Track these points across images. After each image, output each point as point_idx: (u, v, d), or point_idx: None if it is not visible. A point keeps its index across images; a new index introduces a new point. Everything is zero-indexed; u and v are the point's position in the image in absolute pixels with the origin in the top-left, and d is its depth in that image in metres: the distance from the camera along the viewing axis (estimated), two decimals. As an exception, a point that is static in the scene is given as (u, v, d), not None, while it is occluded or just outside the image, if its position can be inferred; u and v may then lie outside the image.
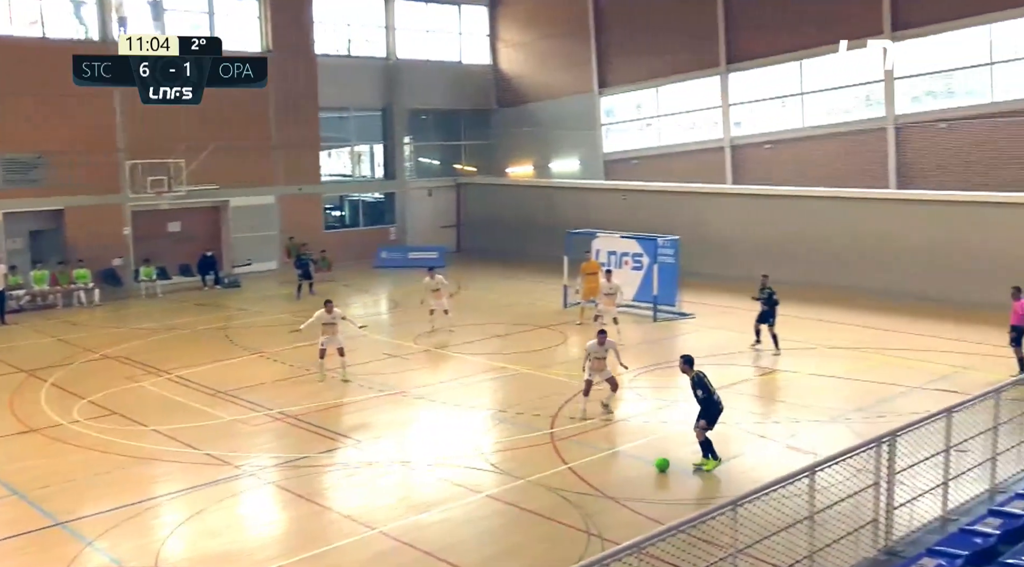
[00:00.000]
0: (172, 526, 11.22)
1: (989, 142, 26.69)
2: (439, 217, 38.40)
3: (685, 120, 34.67)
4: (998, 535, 8.14)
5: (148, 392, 17.33)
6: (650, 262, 23.40)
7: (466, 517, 11.28)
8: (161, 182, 28.90)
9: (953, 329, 20.70)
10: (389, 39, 36.98)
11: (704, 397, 12.77)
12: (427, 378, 18.00)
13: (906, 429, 8.94)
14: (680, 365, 13.15)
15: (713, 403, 12.75)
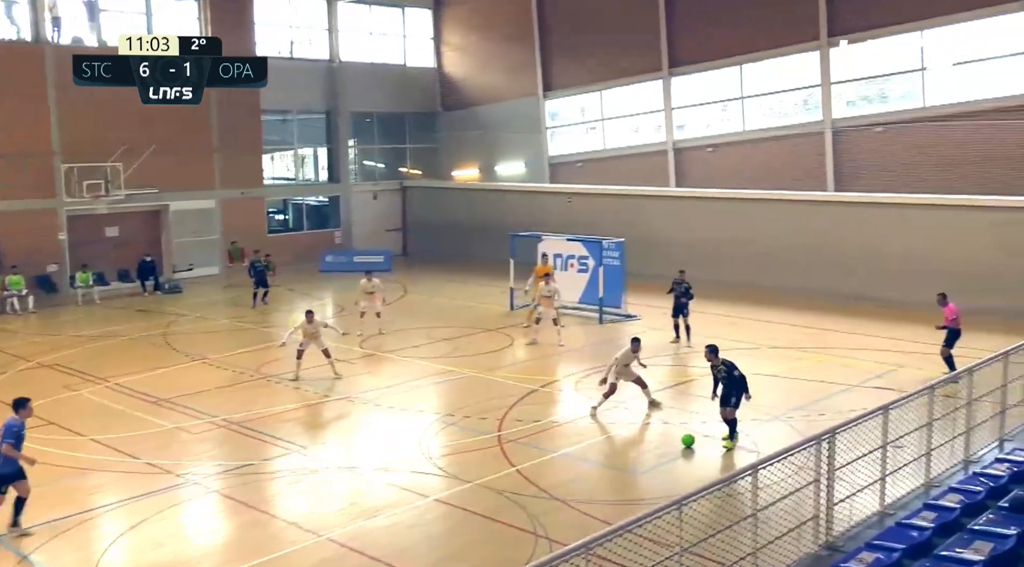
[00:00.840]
0: (112, 537, 10.97)
1: (921, 145, 27.48)
2: (384, 220, 38.20)
3: (629, 123, 35.02)
4: (933, 528, 8.37)
5: (86, 401, 16.93)
6: (596, 264, 23.57)
7: (413, 521, 11.24)
8: (98, 186, 28.27)
9: (887, 328, 21.23)
10: (332, 41, 36.69)
11: (740, 376, 13.47)
12: (373, 382, 17.89)
13: (845, 426, 9.14)
14: (706, 355, 13.86)
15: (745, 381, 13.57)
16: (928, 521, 8.54)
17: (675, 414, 15.32)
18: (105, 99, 29.27)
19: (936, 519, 8.57)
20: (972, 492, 9.26)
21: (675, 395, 16.58)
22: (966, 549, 7.62)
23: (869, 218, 25.62)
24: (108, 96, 29.25)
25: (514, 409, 15.67)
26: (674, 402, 16.04)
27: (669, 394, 16.47)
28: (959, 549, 7.64)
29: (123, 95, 29.14)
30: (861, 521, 9.40)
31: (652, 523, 7.11)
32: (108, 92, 29.08)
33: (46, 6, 28.67)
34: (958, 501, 9.00)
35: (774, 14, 29.95)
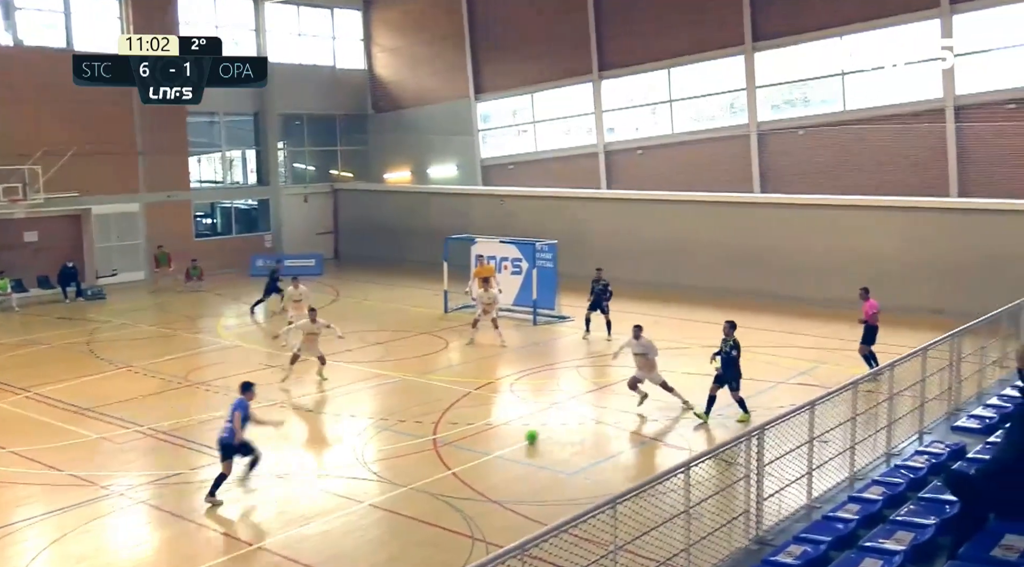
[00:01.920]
0: (34, 552, 10.63)
1: (842, 148, 28.28)
2: (315, 224, 37.76)
3: (560, 126, 35.26)
4: (857, 520, 8.62)
5: (4, 411, 16.34)
6: (529, 266, 23.69)
7: (348, 527, 11.15)
8: (15, 189, 27.32)
9: (810, 326, 21.82)
10: (260, 42, 36.11)
11: (736, 356, 14.71)
12: (306, 388, 17.67)
13: (773, 423, 9.35)
14: (725, 328, 15.01)
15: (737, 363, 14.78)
16: (852, 513, 8.78)
17: (608, 414, 15.47)
18: (24, 99, 28.42)
19: (860, 511, 8.81)
20: (893, 484, 9.55)
21: (605, 396, 16.74)
22: (888, 539, 7.86)
23: (793, 219, 26.29)
24: (27, 96, 28.47)
25: (449, 412, 15.65)
26: (604, 402, 16.19)
27: (599, 396, 16.62)
28: (882, 540, 7.87)
29: (43, 95, 28.71)
30: (789, 515, 9.62)
31: (587, 522, 7.17)
32: (27, 92, 28.43)
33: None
34: (880, 493, 9.27)
35: (701, 19, 30.48)
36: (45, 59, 29.34)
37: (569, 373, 18.65)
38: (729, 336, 14.91)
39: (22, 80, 28.50)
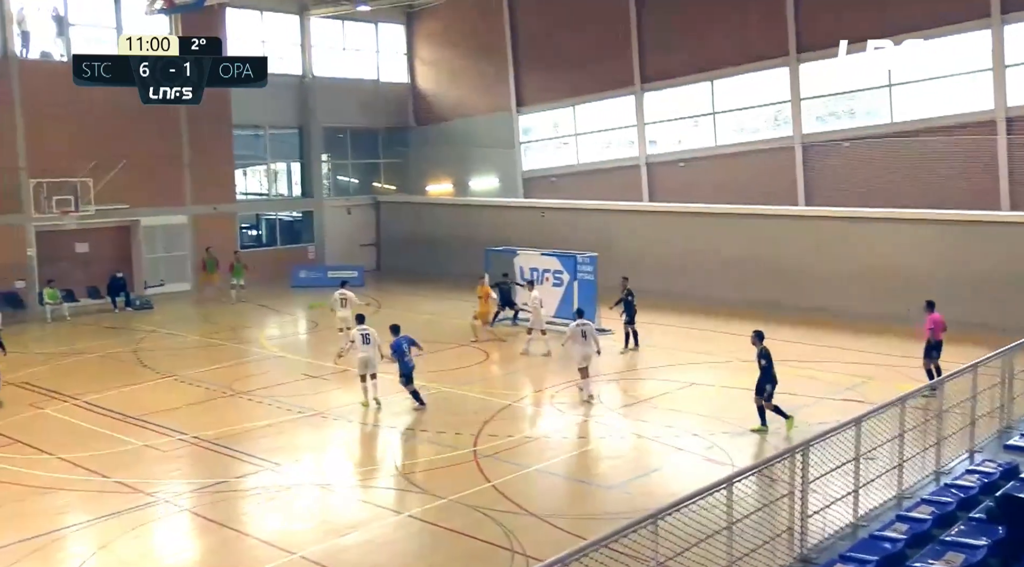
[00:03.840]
0: (82, 558, 10.79)
1: (889, 161, 27.86)
2: (358, 235, 38.08)
3: (601, 138, 35.22)
4: (905, 540, 8.43)
5: (54, 419, 16.66)
6: (570, 279, 23.61)
7: (387, 538, 11.15)
8: (67, 202, 27.94)
9: (856, 341, 21.44)
10: (305, 57, 36.61)
11: (767, 366, 14.57)
12: (346, 398, 17.75)
13: (818, 439, 9.19)
14: (752, 339, 15.05)
15: (772, 373, 14.67)
16: (900, 533, 8.58)
17: (648, 428, 15.34)
18: (75, 114, 29.09)
19: (908, 531, 8.62)
20: (943, 503, 9.33)
21: (645, 409, 16.59)
22: (938, 561, 7.68)
23: (839, 232, 25.91)
24: (78, 111, 29.13)
25: (489, 424, 15.62)
26: (644, 415, 16.04)
27: (639, 409, 16.47)
28: (931, 560, 7.69)
29: (93, 110, 29.36)
30: (834, 533, 9.44)
31: (627, 537, 7.10)
32: (78, 106, 29.09)
33: (14, 20, 28.41)
34: (930, 513, 9.06)
35: (745, 30, 30.30)
36: (97, 74, 30.02)
37: (609, 386, 18.53)
38: (759, 346, 14.89)
39: (74, 94, 29.11)
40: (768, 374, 14.69)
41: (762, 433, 14.55)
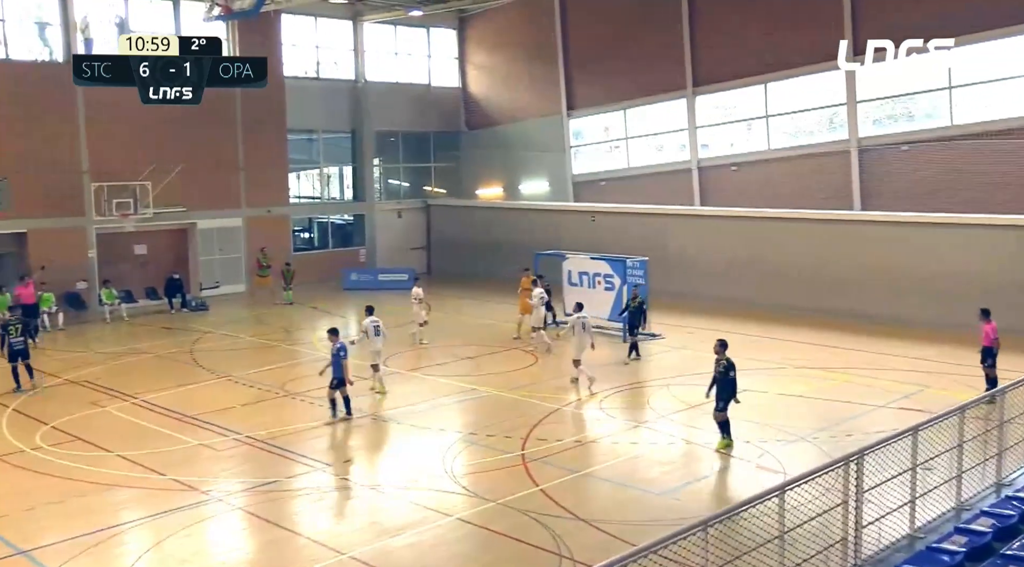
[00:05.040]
0: (138, 554, 11.02)
1: (948, 164, 27.22)
2: (409, 239, 38.37)
3: (653, 142, 35.01)
4: (964, 553, 8.23)
5: (112, 417, 17.06)
6: (621, 283, 23.52)
7: (437, 540, 11.20)
8: (127, 204, 28.61)
9: (913, 348, 21.00)
10: (357, 61, 37.02)
11: (733, 377, 13.97)
12: (397, 401, 17.89)
13: (873, 448, 9.03)
14: (715, 347, 14.36)
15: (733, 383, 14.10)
16: (959, 545, 8.39)
17: (699, 434, 15.19)
18: (135, 118, 29.74)
19: (967, 543, 8.43)
20: (1004, 516, 9.10)
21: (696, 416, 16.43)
22: (998, 574, 7.49)
23: (895, 237, 25.39)
24: (138, 115, 29.73)
25: (537, 428, 15.61)
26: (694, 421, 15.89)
27: (690, 415, 16.32)
28: (991, 574, 7.51)
29: (152, 114, 29.95)
30: (890, 544, 9.26)
31: (677, 544, 7.04)
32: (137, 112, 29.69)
33: (78, 27, 29.18)
34: (990, 525, 8.85)
35: (800, 32, 29.87)
36: (156, 80, 30.74)
37: (659, 391, 18.39)
38: (721, 357, 14.22)
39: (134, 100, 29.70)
40: (733, 386, 14.09)
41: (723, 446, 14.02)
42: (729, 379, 14.07)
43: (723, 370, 14.10)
